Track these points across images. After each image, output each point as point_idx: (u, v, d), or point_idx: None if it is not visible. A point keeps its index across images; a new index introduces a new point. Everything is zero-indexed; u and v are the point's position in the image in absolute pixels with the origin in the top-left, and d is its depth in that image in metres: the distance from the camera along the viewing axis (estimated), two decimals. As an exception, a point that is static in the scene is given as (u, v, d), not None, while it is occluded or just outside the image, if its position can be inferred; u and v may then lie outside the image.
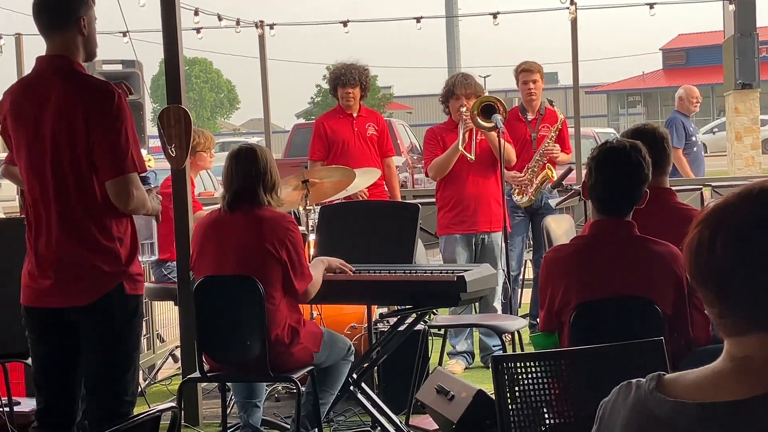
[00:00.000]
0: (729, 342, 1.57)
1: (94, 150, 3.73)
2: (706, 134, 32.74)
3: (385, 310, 5.89)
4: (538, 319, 3.90)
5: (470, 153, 6.57)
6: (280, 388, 6.05)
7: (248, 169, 4.63)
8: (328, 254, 4.97)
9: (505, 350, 5.72)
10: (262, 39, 15.36)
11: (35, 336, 3.92)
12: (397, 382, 5.45)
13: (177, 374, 6.57)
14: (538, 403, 2.99)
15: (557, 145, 7.18)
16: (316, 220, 5.55)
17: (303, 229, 5.65)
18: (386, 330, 5.31)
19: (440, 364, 5.65)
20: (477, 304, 6.52)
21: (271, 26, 15.79)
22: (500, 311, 6.60)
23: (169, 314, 7.49)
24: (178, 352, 6.35)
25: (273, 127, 18.32)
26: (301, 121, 41.50)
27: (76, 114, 3.73)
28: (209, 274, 4.61)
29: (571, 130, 8.81)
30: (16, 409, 4.78)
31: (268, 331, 4.48)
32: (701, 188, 8.56)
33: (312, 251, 5.34)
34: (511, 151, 6.69)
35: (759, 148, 19.00)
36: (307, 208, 6.00)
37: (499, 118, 6.35)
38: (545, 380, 3.01)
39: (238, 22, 16.03)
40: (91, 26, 3.89)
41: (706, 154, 11.16)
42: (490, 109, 6.44)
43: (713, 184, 8.99)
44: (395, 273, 4.71)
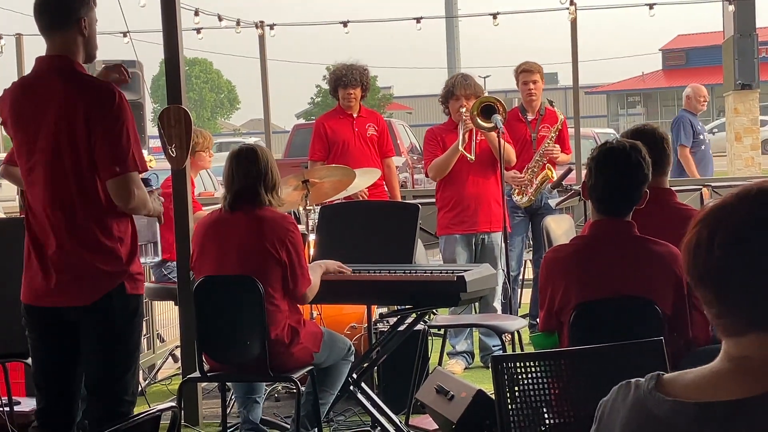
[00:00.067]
0: (727, 342, 1.57)
1: (95, 149, 3.73)
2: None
3: (384, 310, 5.89)
4: (538, 319, 3.90)
5: (470, 153, 6.57)
6: (280, 388, 6.05)
7: (249, 169, 4.64)
8: (328, 254, 4.97)
9: (504, 350, 5.72)
10: (262, 39, 15.36)
11: (35, 336, 3.92)
12: (397, 382, 5.45)
13: (177, 374, 6.57)
14: (537, 403, 2.99)
15: (557, 146, 7.18)
16: (316, 220, 5.55)
17: (303, 229, 5.65)
18: (386, 330, 5.31)
19: (440, 364, 5.65)
20: (477, 304, 6.52)
21: (271, 26, 15.80)
22: (500, 311, 6.61)
23: (169, 314, 7.50)
24: (178, 352, 6.35)
25: (273, 127, 18.32)
26: (301, 121, 41.53)
27: (77, 114, 3.73)
28: (210, 274, 4.61)
29: (571, 131, 8.81)
30: (16, 408, 4.78)
31: (268, 331, 4.48)
32: (701, 188, 8.56)
33: (312, 251, 5.34)
34: (510, 152, 6.69)
35: (759, 149, 19.01)
36: (307, 208, 6.00)
37: (499, 119, 6.35)
38: (545, 380, 3.02)
39: (239, 23, 16.03)
40: (92, 27, 3.89)
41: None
42: (489, 109, 6.45)
43: (713, 184, 9.00)
44: (395, 273, 4.71)
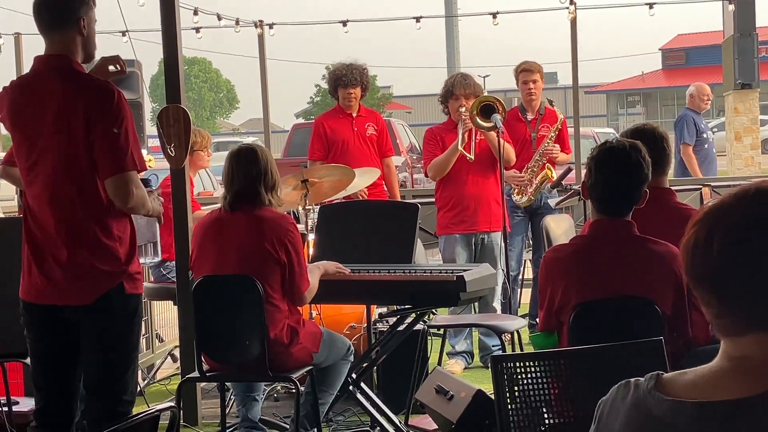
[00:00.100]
0: (726, 342, 1.57)
1: (94, 148, 3.73)
2: (705, 134, 32.65)
3: (384, 310, 5.88)
4: (538, 319, 3.90)
5: (469, 153, 6.57)
6: (280, 388, 6.05)
7: (249, 169, 4.63)
8: (327, 254, 4.97)
9: (504, 350, 5.72)
10: (261, 39, 15.34)
11: (34, 336, 3.92)
12: (397, 382, 5.45)
13: (176, 374, 6.57)
14: (537, 403, 2.99)
15: (557, 145, 7.18)
16: (316, 220, 5.54)
17: (302, 229, 5.65)
18: (385, 330, 5.31)
19: (439, 363, 5.65)
20: (476, 304, 6.52)
21: (271, 26, 15.77)
22: (500, 311, 6.60)
23: (168, 314, 7.49)
24: (177, 352, 6.35)
25: (272, 126, 18.33)
26: (301, 120, 41.49)
27: (77, 113, 3.72)
28: (209, 274, 4.61)
29: (571, 130, 8.81)
30: (15, 408, 4.77)
31: (268, 331, 4.48)
32: (701, 188, 8.56)
33: (311, 251, 5.34)
34: (510, 151, 6.69)
35: (758, 148, 18.99)
36: (307, 207, 6.00)
37: (499, 118, 6.35)
38: (544, 380, 3.01)
39: (238, 22, 16.01)
40: (91, 27, 3.89)
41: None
42: (489, 109, 6.44)
43: (713, 184, 8.99)
44: (394, 273, 4.71)
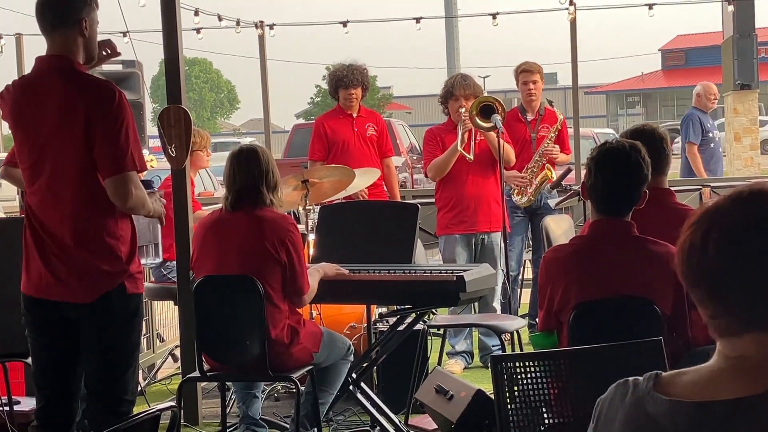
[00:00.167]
0: (723, 342, 1.58)
1: (95, 148, 3.73)
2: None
3: (384, 310, 5.89)
4: (538, 319, 3.90)
5: (469, 153, 6.57)
6: (280, 388, 6.06)
7: (251, 169, 4.64)
8: (327, 254, 4.98)
9: (504, 350, 5.72)
10: (262, 39, 15.34)
11: (35, 335, 3.93)
12: (397, 381, 5.46)
13: (177, 374, 6.58)
14: (537, 402, 2.99)
15: (557, 146, 7.19)
16: (316, 220, 5.55)
17: (302, 229, 5.65)
18: (385, 330, 5.32)
19: (439, 363, 5.65)
20: (476, 304, 6.53)
21: (271, 26, 15.78)
22: (499, 311, 6.61)
23: (169, 314, 7.50)
24: (178, 352, 6.36)
25: (273, 127, 18.32)
26: (301, 121, 41.52)
27: (78, 113, 3.73)
28: (210, 274, 4.62)
29: (571, 131, 8.81)
30: (16, 408, 4.78)
31: (268, 331, 4.48)
32: (701, 188, 8.57)
33: (311, 251, 5.35)
34: (510, 152, 6.70)
35: (758, 149, 18.99)
36: (307, 208, 6.00)
37: (498, 118, 6.36)
38: (544, 380, 3.02)
39: (238, 23, 16.02)
40: (93, 29, 3.89)
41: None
42: (488, 109, 6.45)
43: (712, 184, 8.99)
44: (394, 273, 4.72)
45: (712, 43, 36.29)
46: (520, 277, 7.53)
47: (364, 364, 5.13)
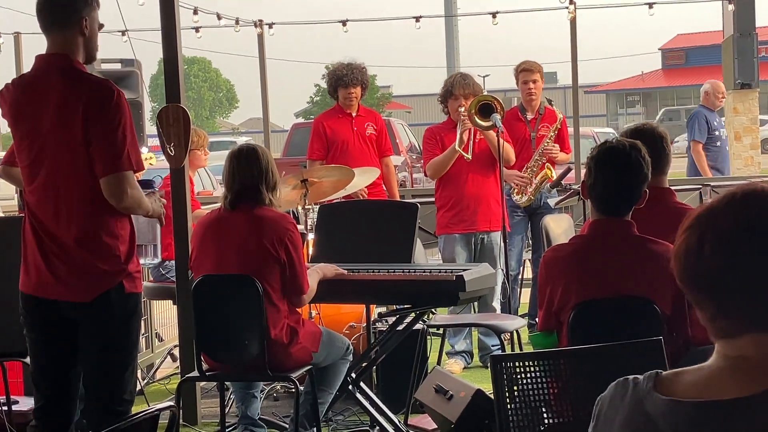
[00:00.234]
0: (721, 343, 1.59)
1: (92, 147, 3.73)
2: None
3: (383, 310, 5.89)
4: (537, 319, 3.90)
5: (467, 153, 6.57)
6: (279, 388, 6.05)
7: (250, 168, 4.64)
8: (327, 253, 4.97)
9: (503, 350, 5.72)
10: (261, 38, 15.33)
11: (34, 335, 3.92)
12: (396, 381, 5.45)
13: (175, 373, 6.58)
14: (536, 402, 2.99)
15: (556, 145, 7.19)
16: (315, 220, 5.55)
17: (302, 229, 5.65)
18: (385, 329, 5.31)
19: (439, 363, 5.64)
20: (476, 304, 6.52)
21: (270, 25, 15.77)
22: (499, 311, 6.60)
23: (168, 313, 7.50)
24: (177, 351, 6.35)
25: (272, 126, 18.31)
26: (300, 120, 41.47)
27: (76, 112, 3.73)
28: (209, 273, 4.61)
29: (570, 130, 8.80)
30: (15, 407, 4.78)
31: (267, 331, 4.48)
32: (701, 188, 8.56)
33: (311, 251, 5.34)
34: (510, 151, 6.69)
35: (758, 148, 18.98)
36: (306, 207, 6.00)
37: (498, 117, 6.35)
38: (544, 380, 3.01)
39: (237, 22, 16.01)
40: (93, 28, 3.89)
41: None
42: (487, 108, 6.44)
43: (712, 184, 8.98)
44: (394, 272, 4.71)
45: (713, 42, 36.28)
46: (520, 277, 7.53)
47: (364, 364, 5.13)
